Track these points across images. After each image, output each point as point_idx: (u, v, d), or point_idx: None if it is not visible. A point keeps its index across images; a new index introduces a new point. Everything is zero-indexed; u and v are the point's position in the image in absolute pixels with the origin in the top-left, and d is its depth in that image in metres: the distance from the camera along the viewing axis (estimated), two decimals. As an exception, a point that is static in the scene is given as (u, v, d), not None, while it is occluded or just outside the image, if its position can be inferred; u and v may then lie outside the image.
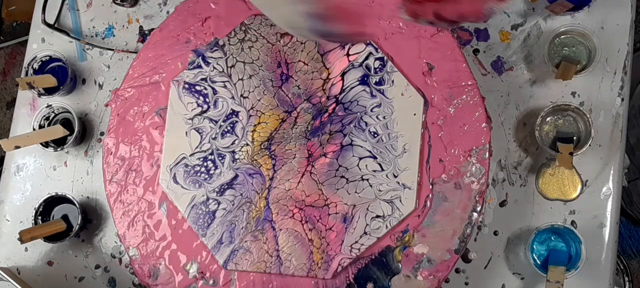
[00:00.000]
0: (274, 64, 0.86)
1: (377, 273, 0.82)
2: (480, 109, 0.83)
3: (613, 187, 0.86)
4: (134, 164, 0.87)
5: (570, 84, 0.88)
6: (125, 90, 0.89)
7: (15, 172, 0.96)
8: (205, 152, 0.85)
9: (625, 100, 0.88)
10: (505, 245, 0.87)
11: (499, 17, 0.91)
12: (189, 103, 0.86)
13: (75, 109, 0.94)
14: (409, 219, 0.82)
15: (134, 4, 0.98)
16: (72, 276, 0.94)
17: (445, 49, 0.84)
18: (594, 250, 0.85)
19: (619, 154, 0.87)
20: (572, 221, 0.86)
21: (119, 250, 0.93)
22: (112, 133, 0.88)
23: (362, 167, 0.83)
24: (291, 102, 0.85)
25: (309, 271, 0.82)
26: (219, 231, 0.84)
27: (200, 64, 0.87)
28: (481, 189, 0.82)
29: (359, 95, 0.84)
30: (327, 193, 0.83)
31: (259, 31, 0.87)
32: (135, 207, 0.86)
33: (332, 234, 0.82)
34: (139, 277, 0.86)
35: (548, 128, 0.87)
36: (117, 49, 0.97)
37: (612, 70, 0.88)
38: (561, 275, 0.79)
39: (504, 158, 0.89)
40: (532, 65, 0.90)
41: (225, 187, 0.84)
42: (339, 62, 0.85)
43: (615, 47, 0.89)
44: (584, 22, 0.89)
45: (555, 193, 0.84)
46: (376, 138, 0.83)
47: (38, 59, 0.95)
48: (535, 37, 0.90)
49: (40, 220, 0.92)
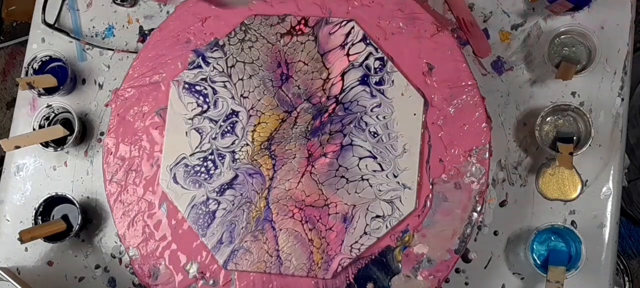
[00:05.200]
0: (274, 64, 0.86)
1: (377, 273, 0.82)
2: (480, 109, 0.83)
3: (613, 187, 0.86)
4: (134, 164, 0.87)
5: (570, 84, 0.88)
6: (125, 90, 0.89)
7: (15, 172, 0.96)
8: (205, 152, 0.85)
9: (625, 100, 0.88)
10: (505, 245, 0.87)
11: (499, 17, 0.91)
12: (189, 103, 0.86)
13: (75, 109, 0.94)
14: (409, 219, 0.82)
15: (134, 4, 0.98)
16: (72, 276, 0.94)
17: (445, 49, 0.84)
18: (594, 250, 0.85)
19: (619, 154, 0.87)
20: (572, 221, 0.86)
21: (119, 250, 0.93)
22: (112, 133, 0.88)
23: (362, 167, 0.83)
24: (291, 102, 0.85)
25: (309, 271, 0.82)
26: (219, 231, 0.84)
27: (200, 64, 0.87)
28: (481, 189, 0.82)
29: (359, 95, 0.84)
30: (327, 193, 0.83)
31: (259, 31, 0.87)
32: (135, 207, 0.86)
33: (332, 234, 0.82)
34: (139, 277, 0.86)
35: (548, 128, 0.87)
36: (117, 49, 0.97)
37: (612, 70, 0.88)
38: (561, 275, 0.79)
39: (504, 158, 0.89)
40: (532, 65, 0.90)
41: (225, 187, 0.84)
42: (339, 62, 0.85)
43: (615, 47, 0.89)
44: (584, 22, 0.89)
45: (555, 193, 0.84)
46: (376, 138, 0.83)
47: (38, 59, 0.95)
48: (535, 37, 0.90)
49: (40, 220, 0.92)
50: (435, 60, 0.84)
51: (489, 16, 0.91)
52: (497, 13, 0.91)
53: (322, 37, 0.86)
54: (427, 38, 0.85)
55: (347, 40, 0.85)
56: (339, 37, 0.86)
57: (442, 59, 0.84)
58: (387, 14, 0.86)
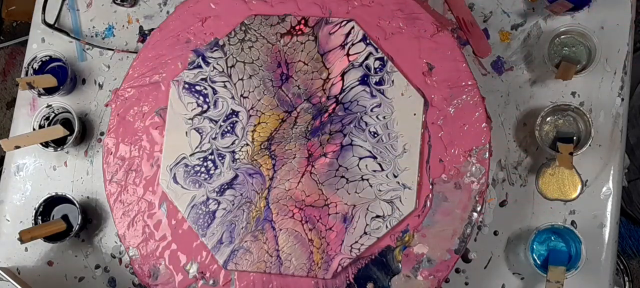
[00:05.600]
0: (274, 64, 0.86)
1: (377, 273, 0.82)
2: (480, 109, 0.83)
3: (613, 187, 0.86)
4: (134, 164, 0.87)
5: (570, 84, 0.88)
6: (125, 90, 0.89)
7: (15, 172, 0.96)
8: (205, 152, 0.85)
9: (625, 100, 0.88)
10: (505, 245, 0.87)
11: (499, 17, 0.91)
12: (189, 103, 0.86)
13: (75, 109, 0.94)
14: (409, 219, 0.82)
15: (134, 4, 0.98)
16: (72, 276, 0.94)
17: (445, 49, 0.84)
18: (594, 250, 0.85)
19: (619, 154, 0.87)
20: (572, 221, 0.86)
21: (119, 250, 0.93)
22: (112, 133, 0.88)
23: (362, 167, 0.83)
24: (291, 102, 0.85)
25: (309, 271, 0.82)
26: (219, 231, 0.84)
27: (200, 64, 0.87)
28: (481, 189, 0.82)
29: (359, 95, 0.84)
30: (327, 193, 0.83)
31: (259, 31, 0.87)
32: (135, 207, 0.86)
33: (332, 234, 0.82)
34: (139, 277, 0.86)
35: (548, 128, 0.87)
36: (117, 49, 0.97)
37: (612, 70, 0.88)
38: (561, 275, 0.79)
39: (504, 158, 0.89)
40: (532, 65, 0.90)
41: (225, 187, 0.84)
42: (339, 62, 0.85)
43: (615, 47, 0.89)
44: (584, 22, 0.89)
45: (555, 193, 0.84)
46: (376, 138, 0.83)
47: (38, 59, 0.95)
48: (535, 37, 0.90)
49: (40, 220, 0.92)
50: (435, 60, 0.84)
51: (489, 16, 0.91)
52: (497, 13, 0.91)
53: (322, 37, 0.86)
54: (427, 38, 0.85)
55: (347, 40, 0.85)
56: (339, 37, 0.86)
57: (442, 59, 0.84)
58: (387, 14, 0.86)
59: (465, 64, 0.84)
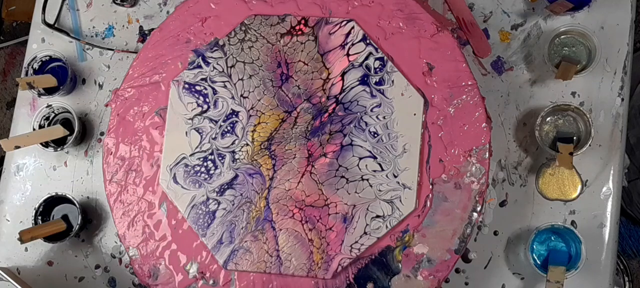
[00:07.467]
0: (274, 64, 0.86)
1: (377, 273, 0.82)
2: (480, 109, 0.83)
3: (613, 187, 0.86)
4: (134, 164, 0.87)
5: (570, 84, 0.88)
6: (125, 90, 0.89)
7: (15, 172, 0.96)
8: (205, 152, 0.85)
9: (625, 100, 0.88)
10: (505, 245, 0.87)
11: (499, 17, 0.91)
12: (189, 103, 0.86)
13: (75, 109, 0.94)
14: (409, 219, 0.82)
15: (134, 4, 0.98)
16: (72, 276, 0.94)
17: (445, 49, 0.84)
18: (594, 250, 0.85)
19: (619, 154, 0.87)
20: (572, 221, 0.86)
21: (119, 250, 0.93)
22: (112, 133, 0.88)
23: (362, 167, 0.83)
24: (291, 102, 0.85)
25: (309, 271, 0.82)
26: (219, 231, 0.84)
27: (200, 64, 0.87)
28: (481, 189, 0.82)
29: (359, 95, 0.84)
30: (327, 193, 0.83)
31: (259, 31, 0.87)
32: (135, 207, 0.86)
33: (332, 234, 0.82)
34: (139, 277, 0.86)
35: (548, 128, 0.87)
36: (117, 49, 0.97)
37: (612, 70, 0.88)
38: (561, 275, 0.79)
39: (504, 158, 0.89)
40: (532, 65, 0.90)
41: (225, 187, 0.84)
42: (339, 62, 0.85)
43: (615, 47, 0.89)
44: (584, 22, 0.89)
45: (555, 193, 0.84)
46: (376, 138, 0.83)
47: (38, 59, 0.95)
48: (535, 37, 0.90)
49: (40, 220, 0.92)
50: (435, 60, 0.84)
51: (489, 16, 0.91)
52: (497, 13, 0.91)
53: (322, 37, 0.86)
54: (427, 38, 0.85)
55: (347, 40, 0.85)
56: (339, 37, 0.86)
57: (442, 59, 0.84)
58: (387, 14, 0.86)
59: (465, 64, 0.84)
